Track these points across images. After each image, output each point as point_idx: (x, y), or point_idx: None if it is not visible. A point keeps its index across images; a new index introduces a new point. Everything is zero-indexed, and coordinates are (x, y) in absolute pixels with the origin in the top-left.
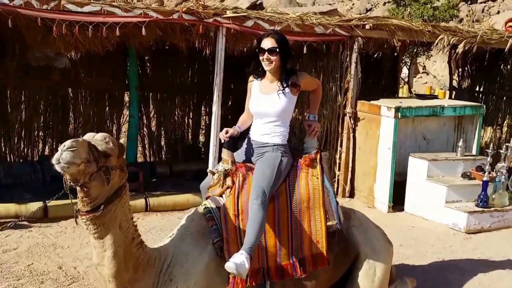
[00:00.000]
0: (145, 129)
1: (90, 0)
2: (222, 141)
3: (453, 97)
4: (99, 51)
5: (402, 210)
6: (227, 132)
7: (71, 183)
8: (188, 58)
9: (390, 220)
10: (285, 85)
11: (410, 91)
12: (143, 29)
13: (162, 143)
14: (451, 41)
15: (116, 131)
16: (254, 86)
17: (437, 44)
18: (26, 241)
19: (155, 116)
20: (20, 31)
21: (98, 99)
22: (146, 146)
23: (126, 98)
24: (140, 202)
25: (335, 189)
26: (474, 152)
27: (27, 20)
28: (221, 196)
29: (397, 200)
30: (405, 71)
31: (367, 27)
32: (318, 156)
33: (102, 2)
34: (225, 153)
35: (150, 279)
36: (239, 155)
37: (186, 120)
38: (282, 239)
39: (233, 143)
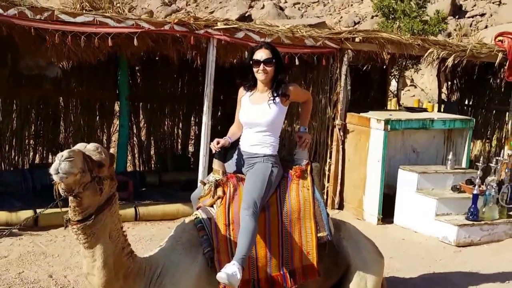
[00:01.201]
0: (135, 138)
1: (83, 11)
2: (213, 151)
3: (442, 110)
4: (90, 61)
5: (392, 222)
6: (218, 143)
7: (65, 193)
8: (178, 69)
9: (379, 232)
10: (275, 95)
11: (399, 104)
12: (135, 39)
13: (152, 152)
14: (440, 55)
15: (106, 140)
16: (244, 97)
17: (426, 57)
18: (17, 249)
19: (145, 125)
20: (12, 40)
21: (88, 109)
22: (136, 155)
23: (117, 108)
24: (130, 211)
25: (325, 201)
26: (463, 165)
27: (21, 30)
28: (212, 206)
29: (387, 213)
30: (394, 84)
31: (357, 40)
32: (309, 168)
33: (94, 12)
34: (216, 163)
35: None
36: (230, 165)
37: (175, 130)
38: (273, 250)
39: (224, 154)
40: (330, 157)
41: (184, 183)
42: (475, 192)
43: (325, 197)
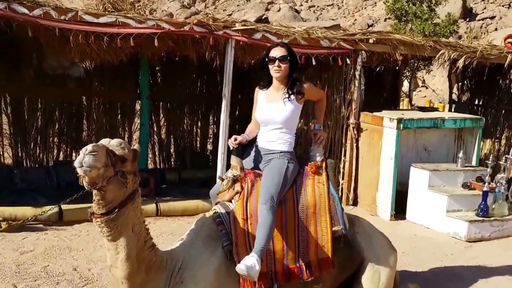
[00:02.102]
0: (155, 136)
1: (106, 12)
2: (231, 148)
3: (452, 110)
4: (112, 61)
5: (404, 218)
6: (235, 140)
7: (89, 186)
8: (197, 69)
9: (392, 228)
10: (290, 93)
11: (411, 104)
12: (156, 40)
13: (172, 150)
14: (451, 56)
15: (127, 138)
16: (260, 95)
17: (438, 58)
18: (42, 244)
19: (165, 124)
20: (37, 40)
21: (110, 108)
22: (156, 153)
23: (138, 107)
24: (151, 207)
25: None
26: (473, 163)
27: (45, 30)
28: (230, 201)
29: (399, 209)
30: (406, 85)
31: (371, 41)
32: (324, 164)
33: (117, 13)
34: (234, 160)
35: (162, 281)
36: (247, 162)
37: (194, 128)
38: (289, 243)
39: (242, 151)
40: (345, 155)
41: (203, 180)
42: (485, 189)
43: (340, 193)
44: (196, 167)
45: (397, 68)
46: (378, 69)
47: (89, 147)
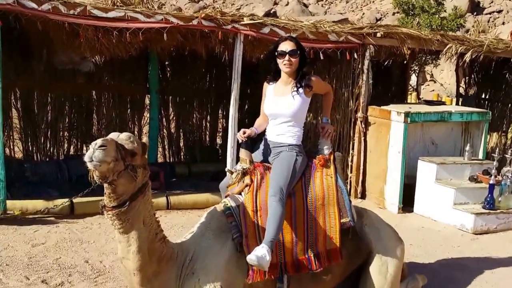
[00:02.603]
0: (164, 131)
1: (114, 6)
2: (240, 141)
3: (460, 104)
4: (122, 56)
5: (412, 211)
6: (244, 133)
7: (100, 180)
8: (206, 64)
9: (400, 220)
10: (299, 86)
11: (418, 98)
12: (165, 34)
13: (181, 144)
14: (459, 50)
15: (137, 132)
16: (269, 89)
17: (445, 52)
18: (54, 236)
19: (174, 118)
20: (47, 35)
21: (120, 102)
22: (166, 147)
23: (147, 101)
24: (162, 200)
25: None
26: (480, 156)
27: (55, 25)
28: (240, 194)
29: (407, 202)
30: (414, 79)
31: (378, 35)
32: (332, 157)
33: (125, 8)
34: (243, 153)
35: (173, 272)
36: (257, 155)
37: (204, 122)
38: (298, 235)
39: (251, 144)
40: (353, 149)
41: (212, 173)
42: (491, 182)
43: (348, 186)
44: (206, 160)
45: (405, 62)
46: (386, 63)
47: (99, 141)
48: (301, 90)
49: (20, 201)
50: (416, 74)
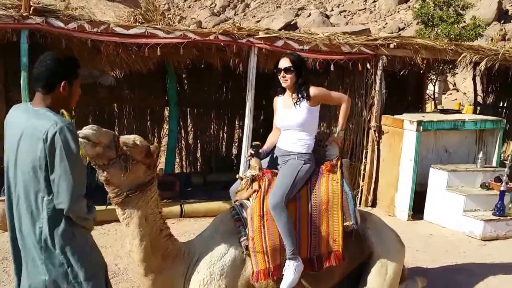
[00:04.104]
0: (182, 142)
1: (136, 23)
2: (248, 156)
3: (477, 112)
4: (141, 70)
5: (421, 218)
6: (251, 155)
7: (93, 163)
8: (222, 76)
9: (409, 227)
10: (299, 97)
11: (435, 107)
12: (181, 49)
13: (198, 155)
14: (473, 59)
15: (156, 144)
16: (278, 102)
17: (460, 61)
18: None
19: (192, 129)
20: (70, 52)
21: (140, 114)
22: (183, 157)
23: (166, 113)
24: (176, 208)
25: (359, 199)
26: (494, 164)
27: (78, 42)
28: (248, 199)
29: (417, 209)
30: (431, 88)
31: (391, 46)
32: (339, 163)
33: (147, 25)
34: (253, 160)
35: (179, 270)
36: (267, 162)
37: (220, 133)
38: (302, 237)
39: (259, 152)
40: (366, 157)
41: (225, 183)
42: (502, 188)
43: (359, 195)
44: (221, 170)
45: (421, 71)
46: (402, 72)
47: (93, 125)
48: (303, 101)
49: None
50: (433, 84)
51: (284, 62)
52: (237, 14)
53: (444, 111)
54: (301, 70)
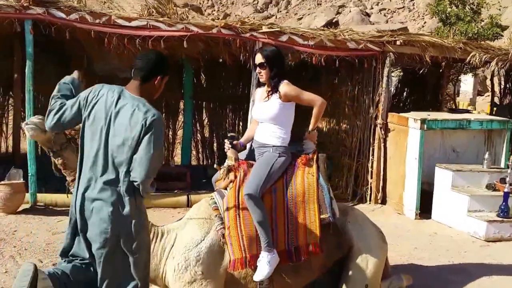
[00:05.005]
0: (198, 135)
1: (150, 16)
2: (226, 149)
3: (494, 113)
4: None
5: (429, 218)
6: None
7: (49, 152)
8: (239, 70)
9: (414, 226)
10: (271, 93)
11: (455, 106)
12: (185, 42)
13: (215, 148)
14: (483, 58)
15: (171, 136)
16: (257, 94)
17: (469, 61)
18: None
19: (208, 123)
20: (78, 43)
21: (156, 107)
22: (200, 150)
23: (182, 106)
24: (183, 198)
25: (368, 196)
26: (502, 165)
27: (83, 33)
28: (225, 189)
29: (425, 208)
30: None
31: (398, 43)
32: (315, 157)
33: (148, 17)
34: (230, 151)
35: (154, 251)
36: (245, 154)
37: (236, 127)
38: (279, 229)
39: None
40: (373, 155)
41: None
42: (506, 190)
43: (368, 192)
44: None
45: (440, 70)
46: (421, 71)
47: (39, 115)
48: (274, 96)
49: (50, 194)
50: (453, 83)
51: (258, 58)
52: (280, 11)
53: (454, 111)
54: (275, 64)
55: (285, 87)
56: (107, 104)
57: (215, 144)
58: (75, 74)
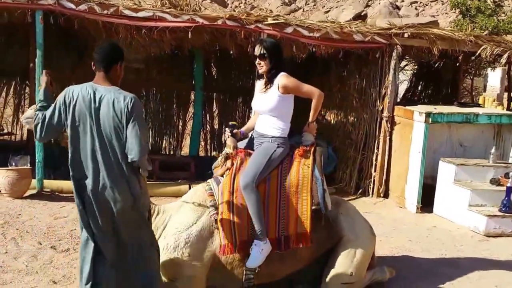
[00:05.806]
0: (207, 126)
1: (163, 7)
2: (226, 137)
3: (508, 108)
4: (156, 54)
5: (431, 211)
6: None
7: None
8: (248, 62)
9: (415, 219)
10: (269, 83)
11: (472, 101)
12: (189, 33)
13: (223, 140)
14: (494, 51)
15: (181, 127)
16: (257, 86)
17: (479, 54)
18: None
19: (218, 115)
20: (87, 33)
21: (167, 98)
22: (208, 142)
23: (192, 98)
24: (185, 187)
25: (371, 189)
26: (510, 160)
27: (92, 23)
28: (222, 176)
29: (428, 202)
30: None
31: (406, 35)
32: (312, 149)
33: (154, 8)
34: (229, 139)
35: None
36: (245, 143)
37: (246, 120)
38: (270, 217)
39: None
40: (378, 148)
41: None
42: (509, 185)
43: (371, 185)
44: None
45: (457, 64)
46: (437, 64)
47: (33, 105)
48: (272, 88)
49: (57, 181)
50: (470, 78)
51: (257, 49)
52: (308, 4)
53: (463, 104)
54: (275, 56)
55: (283, 79)
56: (85, 102)
57: (223, 136)
58: (43, 74)
